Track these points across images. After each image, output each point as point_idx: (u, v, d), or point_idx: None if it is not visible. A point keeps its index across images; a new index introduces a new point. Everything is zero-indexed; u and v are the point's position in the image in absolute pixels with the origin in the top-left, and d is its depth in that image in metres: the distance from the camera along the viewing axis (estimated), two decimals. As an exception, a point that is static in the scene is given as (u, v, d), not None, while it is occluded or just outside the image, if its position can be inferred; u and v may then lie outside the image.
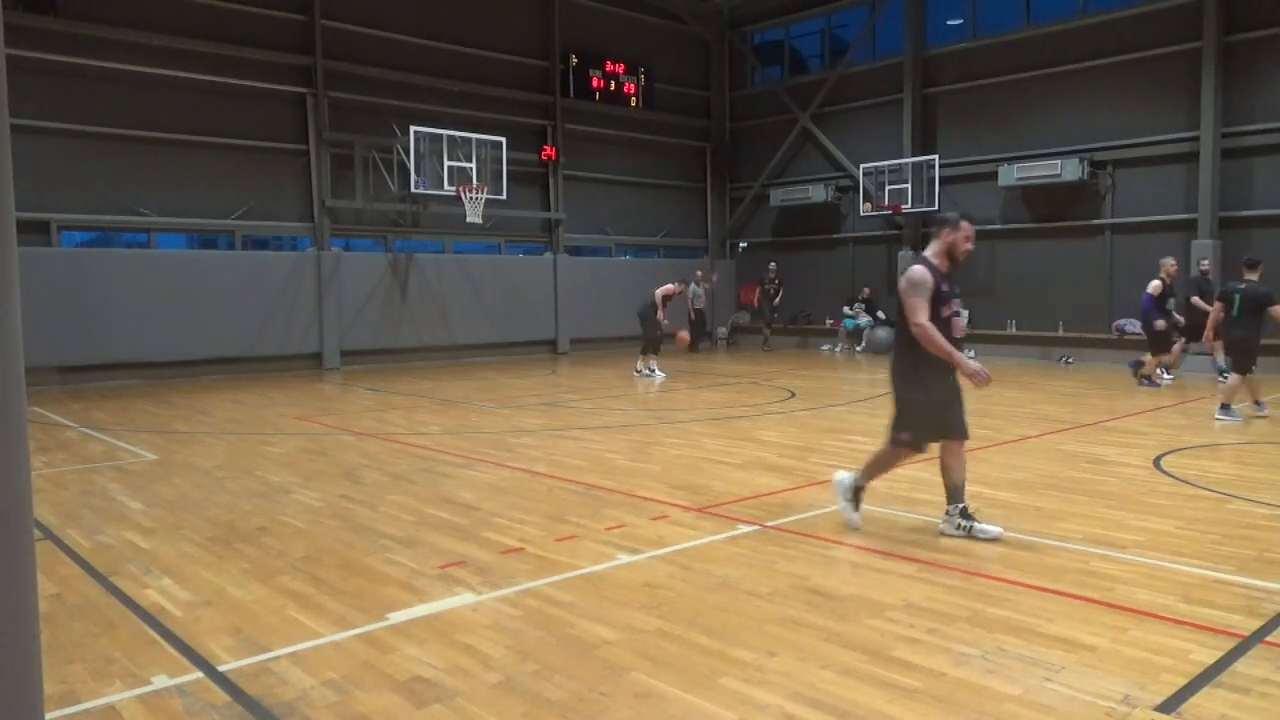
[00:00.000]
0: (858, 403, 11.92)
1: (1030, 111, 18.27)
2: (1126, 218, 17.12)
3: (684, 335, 16.93)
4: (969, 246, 5.55)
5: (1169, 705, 3.25)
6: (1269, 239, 15.52)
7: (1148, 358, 13.38)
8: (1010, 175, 17.98)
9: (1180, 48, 16.17)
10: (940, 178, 18.83)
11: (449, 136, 17.05)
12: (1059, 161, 17.30)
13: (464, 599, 4.43)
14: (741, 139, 23.94)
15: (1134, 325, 16.91)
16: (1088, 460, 7.90)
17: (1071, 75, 17.65)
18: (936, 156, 19.01)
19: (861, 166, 20.16)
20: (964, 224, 5.56)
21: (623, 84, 21.74)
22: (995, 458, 8.01)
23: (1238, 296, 10.22)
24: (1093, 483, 7.00)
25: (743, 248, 24.41)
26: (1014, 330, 18.39)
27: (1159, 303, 12.88)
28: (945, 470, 5.59)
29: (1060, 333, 17.77)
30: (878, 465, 5.77)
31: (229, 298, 16.01)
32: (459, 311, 18.95)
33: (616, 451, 8.41)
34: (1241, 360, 10.17)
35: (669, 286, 15.67)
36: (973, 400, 12.69)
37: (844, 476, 5.78)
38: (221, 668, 3.66)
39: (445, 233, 19.12)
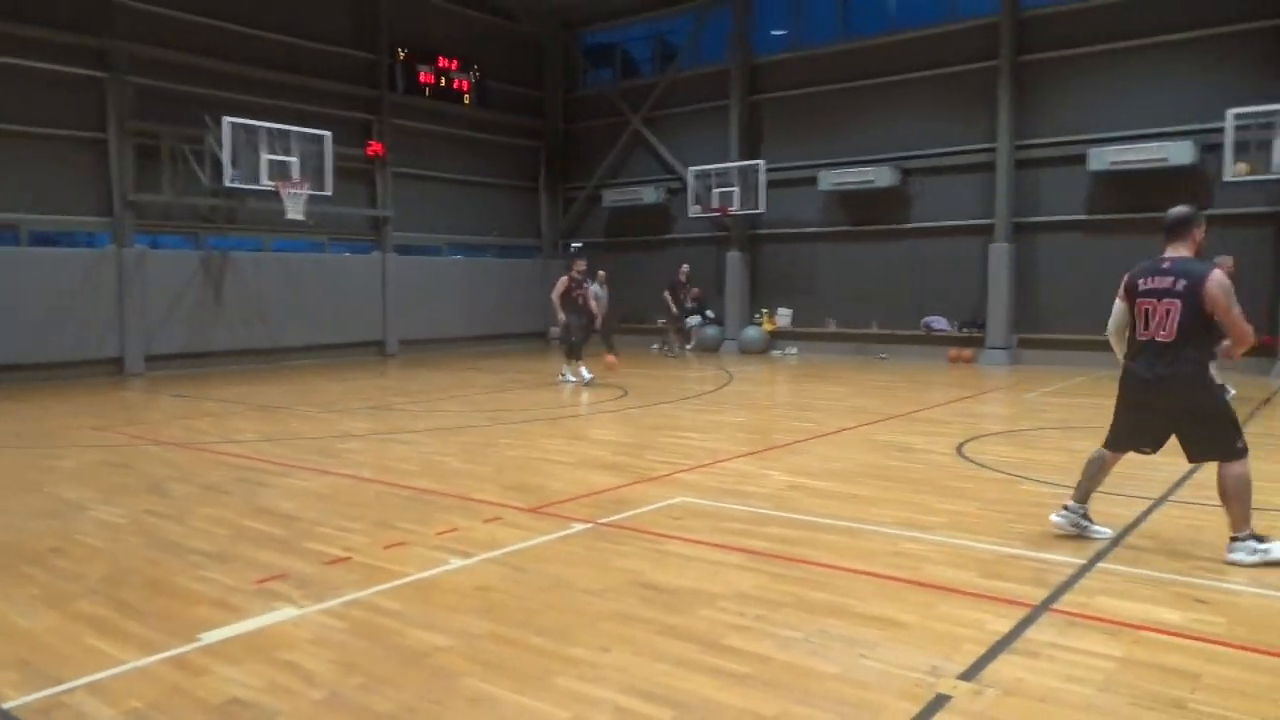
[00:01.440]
0: (688, 399, 12.21)
1: (848, 120, 19.27)
2: (933, 222, 18.34)
3: (611, 360, 15.55)
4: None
5: (970, 673, 3.50)
6: (1055, 243, 17.04)
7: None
8: (829, 180, 18.90)
9: (979, 65, 17.48)
10: (766, 181, 19.55)
11: (267, 129, 16.20)
12: (873, 168, 18.35)
13: (284, 614, 4.22)
14: (575, 140, 24.03)
15: (941, 323, 18.22)
16: (898, 449, 8.42)
17: (885, 87, 18.74)
18: (762, 161, 19.72)
19: (691, 169, 20.65)
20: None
21: (454, 80, 21.35)
22: (816, 449, 8.40)
23: None
24: (903, 470, 7.46)
25: (575, 248, 24.49)
26: (833, 328, 19.35)
27: None
28: (1104, 473, 5.40)
29: (875, 330, 18.83)
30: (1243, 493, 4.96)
31: (12, 298, 14.55)
32: (279, 312, 18.03)
33: (449, 454, 8.26)
34: None
35: (562, 281, 14.00)
36: (797, 396, 13.33)
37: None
38: (6, 705, 3.33)
39: (265, 230, 18.16)
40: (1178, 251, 5.06)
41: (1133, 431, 5.26)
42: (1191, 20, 15.51)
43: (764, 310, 20.53)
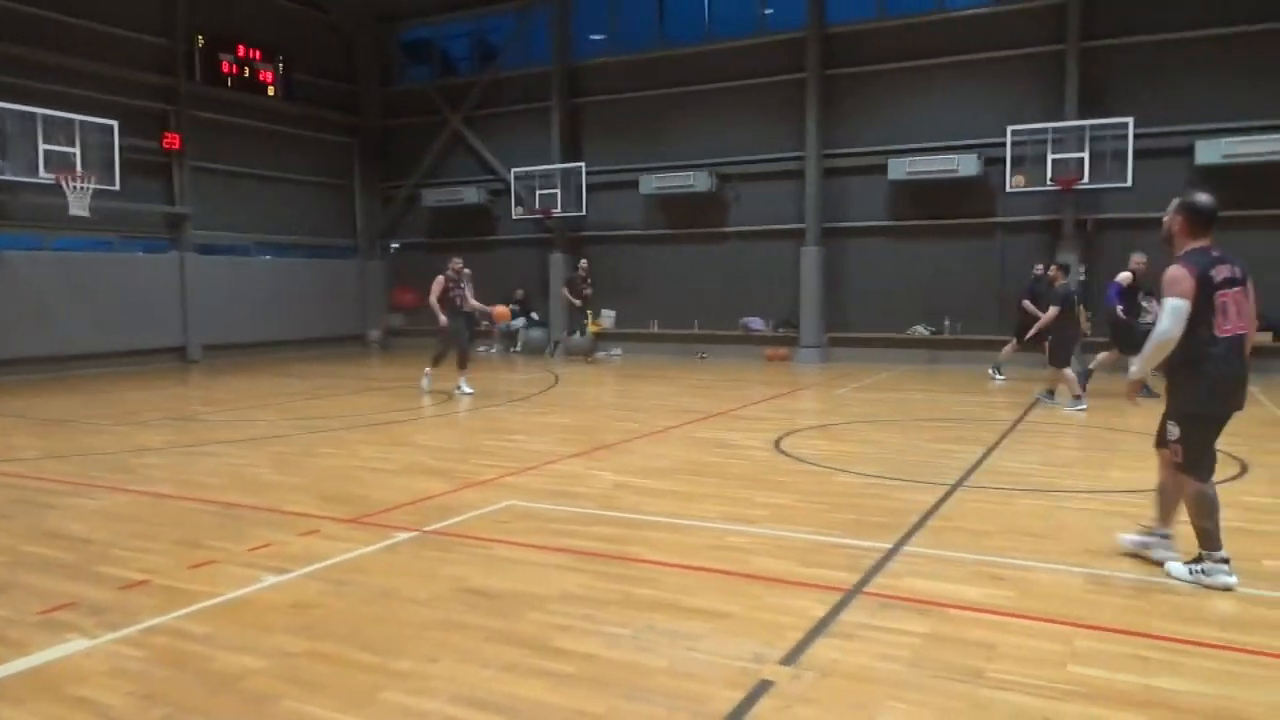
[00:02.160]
0: (515, 402, 12.10)
1: (668, 125, 19.69)
2: (749, 226, 19.03)
3: (502, 310, 14.22)
4: None
5: (790, 657, 3.65)
6: (861, 247, 18.07)
7: (1101, 355, 12.65)
8: (650, 184, 19.25)
9: (789, 77, 18.29)
10: (588, 184, 19.68)
11: (45, 116, 14.77)
12: (692, 173, 18.84)
13: (75, 645, 3.85)
14: (392, 137, 23.32)
15: (758, 323, 18.94)
16: (720, 446, 8.68)
17: (702, 94, 19.28)
18: (584, 164, 19.84)
19: (513, 170, 20.50)
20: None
21: (257, 71, 20.22)
22: (641, 448, 8.52)
23: (1075, 298, 11.65)
24: (725, 466, 7.70)
25: (395, 248, 23.79)
26: (656, 329, 19.72)
27: (1127, 296, 12.34)
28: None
29: (696, 330, 19.35)
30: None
31: None
32: (63, 316, 16.47)
33: (260, 465, 7.80)
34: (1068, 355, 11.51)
35: (438, 281, 12.70)
36: (623, 396, 13.46)
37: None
38: None
39: (44, 226, 16.56)
40: (1211, 241, 4.70)
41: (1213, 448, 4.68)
42: (980, 43, 16.86)
43: (589, 312, 20.66)
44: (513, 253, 21.55)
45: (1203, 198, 4.77)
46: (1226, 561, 4.51)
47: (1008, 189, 15.97)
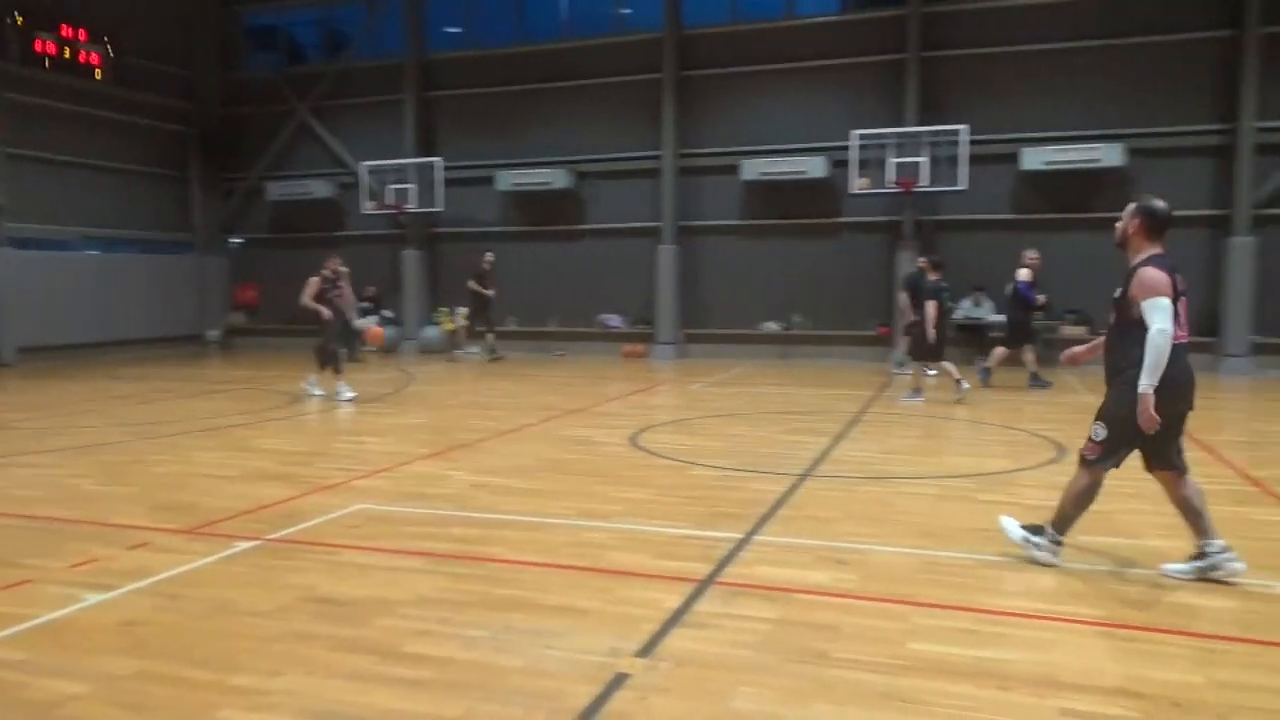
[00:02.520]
0: (365, 404, 11.73)
1: (526, 122, 19.53)
2: (606, 224, 19.13)
3: (375, 331, 13.94)
4: None
5: (646, 650, 3.69)
6: (716, 246, 18.46)
7: (996, 351, 13.12)
8: (507, 181, 19.06)
9: (646, 77, 18.46)
10: (444, 179, 19.30)
11: None
12: (549, 171, 18.78)
13: None
14: (234, 126, 22.13)
15: (616, 320, 19.07)
16: (578, 442, 8.69)
17: (561, 92, 19.23)
18: (439, 159, 19.43)
19: (364, 164, 19.86)
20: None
21: (80, 52, 18.80)
22: (499, 447, 8.43)
23: (945, 294, 11.71)
24: (582, 462, 7.71)
25: (237, 244, 22.63)
26: (514, 326, 19.54)
27: (1032, 291, 12.78)
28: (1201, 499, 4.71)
29: (554, 328, 19.30)
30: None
31: None
32: None
33: (84, 475, 7.26)
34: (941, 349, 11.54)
35: (313, 282, 11.95)
36: (479, 395, 13.28)
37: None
38: None
39: None
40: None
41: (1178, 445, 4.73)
42: (827, 50, 17.52)
43: (443, 310, 20.27)
44: (364, 249, 20.87)
45: (1160, 203, 4.74)
46: (1060, 544, 4.79)
47: (853, 190, 16.68)
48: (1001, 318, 16.28)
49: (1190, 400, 4.61)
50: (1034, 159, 15.91)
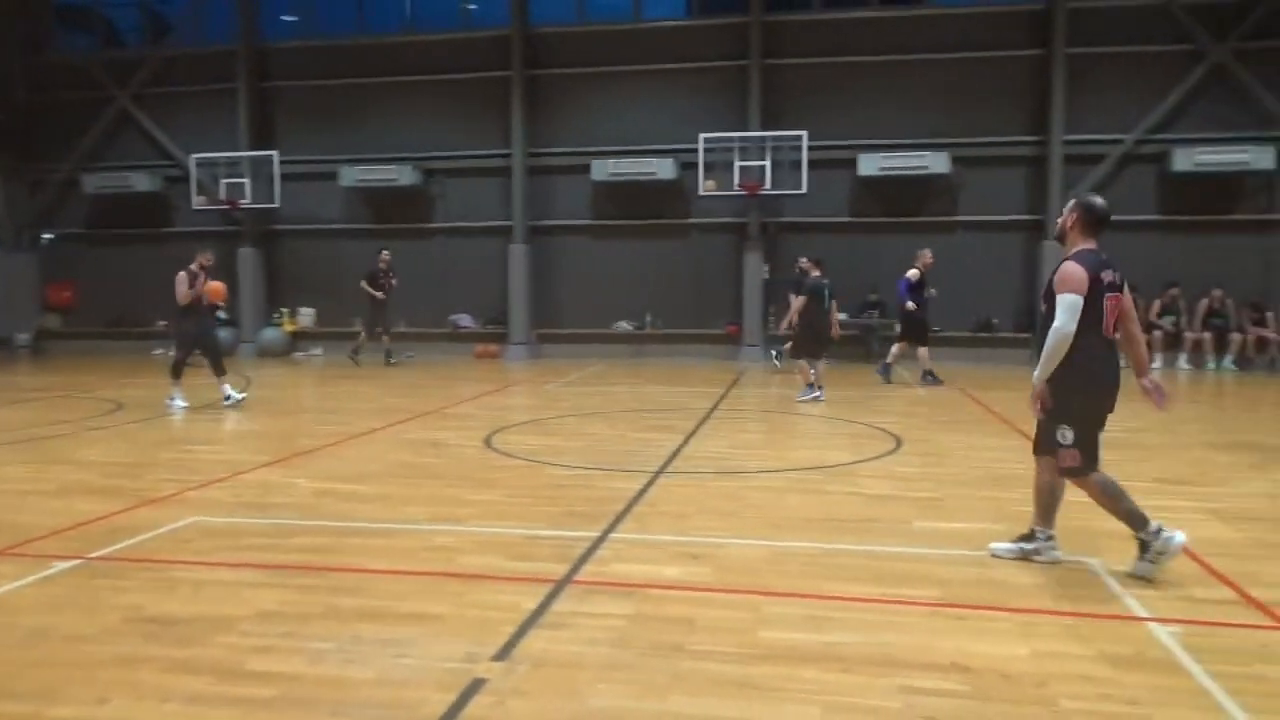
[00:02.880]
0: (199, 409, 11.07)
1: (371, 116, 18.94)
2: (457, 222, 18.80)
3: (216, 286, 11.40)
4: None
5: (502, 653, 3.64)
6: (568, 245, 18.48)
7: (894, 348, 13.54)
8: (352, 177, 18.44)
9: (495, 74, 18.26)
10: (281, 174, 18.45)
11: None
12: (396, 167, 18.28)
13: None
14: (42, 113, 20.38)
15: (467, 320, 18.78)
16: (430, 445, 8.50)
17: (406, 86, 18.75)
18: (276, 152, 18.57)
19: (193, 157, 18.75)
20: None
21: None
22: (346, 452, 8.15)
23: (827, 291, 11.59)
24: (435, 466, 7.55)
25: (48, 240, 20.89)
26: (359, 327, 18.89)
27: (916, 290, 13.11)
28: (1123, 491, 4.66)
29: (403, 329, 18.78)
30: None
31: None
32: None
33: None
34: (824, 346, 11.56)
35: (182, 277, 10.75)
36: (324, 398, 12.78)
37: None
38: None
39: None
40: (1098, 245, 4.69)
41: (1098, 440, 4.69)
42: (674, 54, 17.84)
43: (284, 310, 19.41)
44: (194, 246, 19.67)
45: (1098, 200, 4.76)
46: (1159, 532, 4.50)
47: (700, 192, 17.06)
48: (844, 315, 17.08)
49: (1112, 401, 4.61)
50: (869, 165, 16.73)
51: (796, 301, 11.66)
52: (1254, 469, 7.44)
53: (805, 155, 16.42)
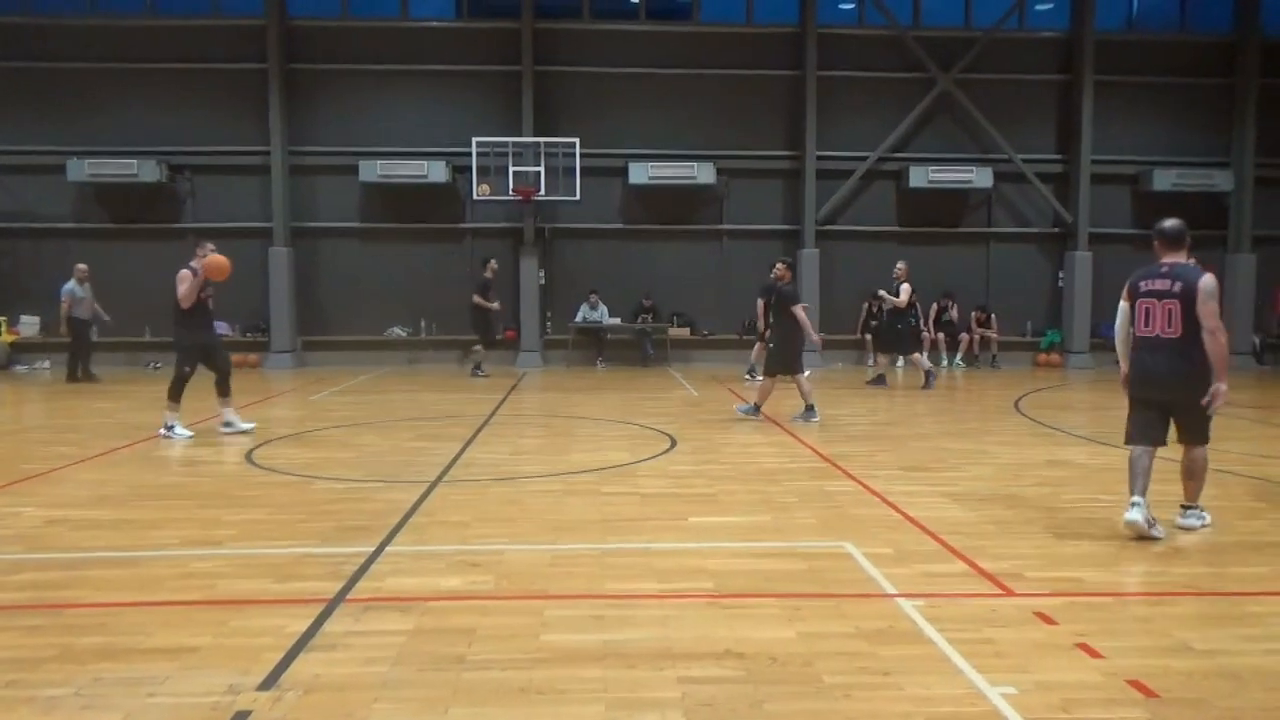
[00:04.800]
0: (-104, 433, 9.61)
1: (106, 105, 17.10)
2: (209, 223, 17.41)
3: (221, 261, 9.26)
4: None
5: (269, 681, 3.41)
6: (335, 249, 17.65)
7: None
8: (82, 170, 16.64)
9: (250, 66, 17.04)
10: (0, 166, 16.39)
11: None
12: (136, 161, 16.67)
13: None
14: None
15: (224, 327, 17.44)
16: (182, 463, 7.85)
17: (148, 74, 17.12)
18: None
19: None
20: None
21: None
22: (81, 475, 7.34)
23: (774, 296, 10.32)
24: (188, 485, 6.97)
25: None
26: (96, 337, 17.12)
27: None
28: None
29: (149, 338, 17.21)
30: None
31: None
32: None
33: None
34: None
35: (185, 275, 9.06)
36: (53, 415, 11.46)
37: None
38: None
39: None
40: (1176, 258, 5.46)
41: (1144, 424, 5.53)
42: (445, 55, 17.49)
43: (2, 319, 17.24)
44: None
45: (1167, 222, 5.60)
46: (1139, 505, 5.36)
47: (474, 196, 16.85)
48: (617, 320, 17.47)
49: (1151, 388, 5.50)
50: (639, 174, 17.20)
51: (800, 310, 9.96)
52: (980, 455, 8.32)
53: (578, 162, 16.64)
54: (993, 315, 17.71)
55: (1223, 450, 8.29)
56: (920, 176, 17.52)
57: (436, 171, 16.97)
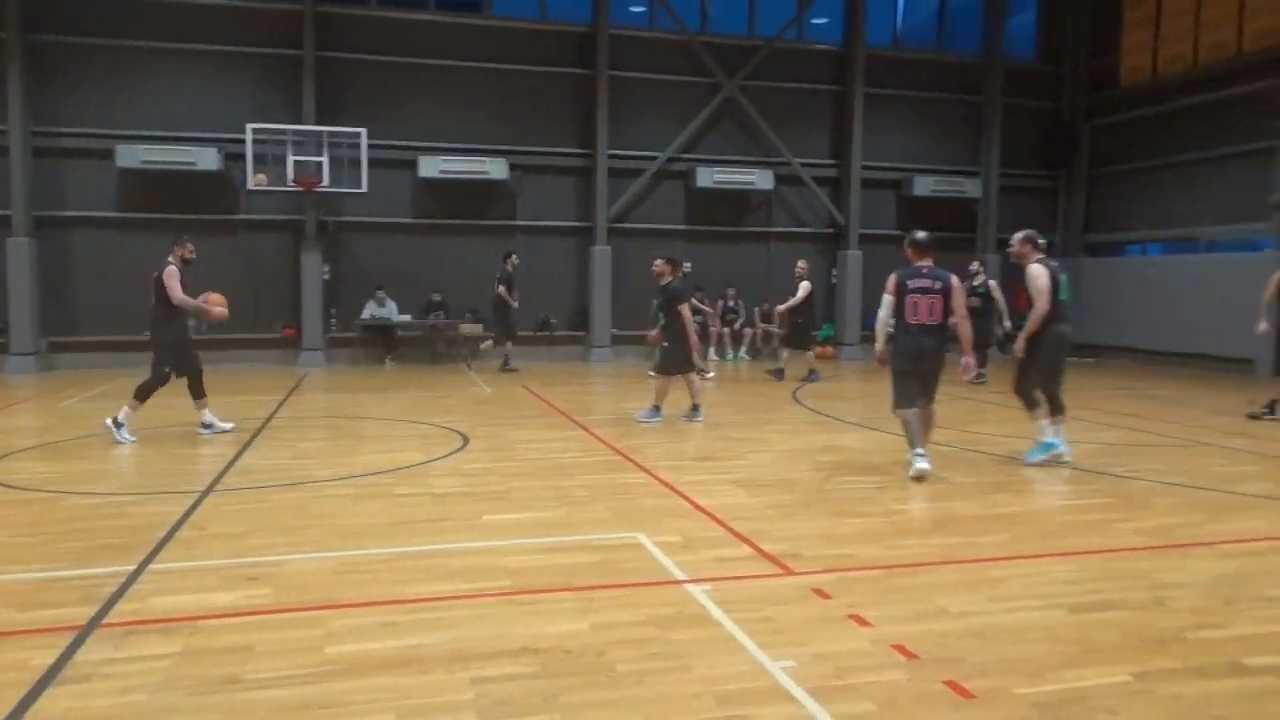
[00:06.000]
0: None
1: None
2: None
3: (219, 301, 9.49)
4: None
5: (9, 722, 3.06)
6: (87, 241, 16.03)
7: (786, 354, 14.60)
8: None
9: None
10: None
11: None
12: None
13: None
14: None
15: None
16: (-100, 483, 6.88)
17: None
18: None
19: None
20: None
21: None
22: None
23: (661, 296, 9.87)
24: (-92, 507, 6.12)
25: None
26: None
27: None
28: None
29: None
30: None
31: None
32: None
33: None
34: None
35: (172, 270, 8.95)
36: None
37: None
38: None
39: None
40: (928, 262, 7.04)
41: (915, 391, 7.03)
42: (217, 35, 16.24)
43: None
44: None
45: (922, 234, 7.17)
46: (923, 454, 6.99)
47: (250, 186, 15.83)
48: (407, 317, 17.00)
49: (917, 362, 7.03)
50: (430, 167, 16.79)
51: (685, 308, 9.71)
52: (763, 443, 8.75)
53: (365, 153, 16.01)
54: (775, 310, 18.69)
55: (974, 432, 9.15)
56: (707, 177, 18.18)
57: (207, 159, 15.79)
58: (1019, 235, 7.74)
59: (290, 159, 15.71)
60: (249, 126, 15.58)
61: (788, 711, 3.19)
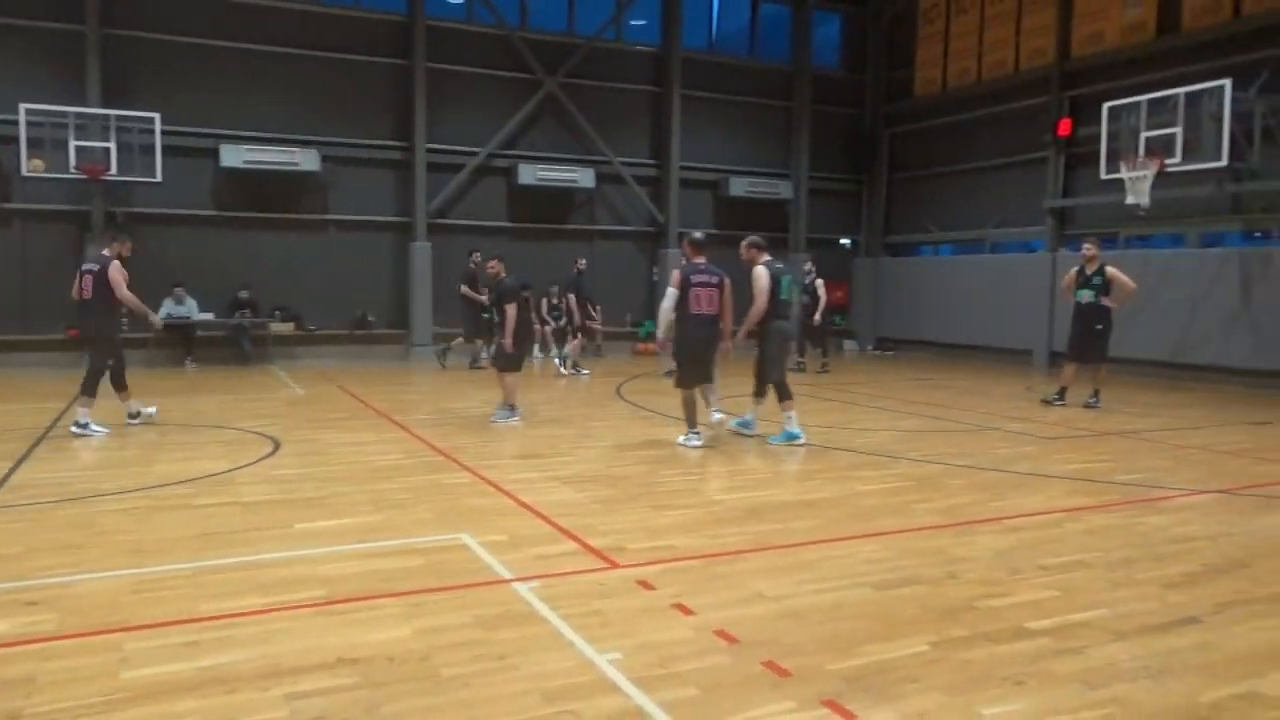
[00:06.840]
0: None
1: None
2: None
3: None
4: None
5: None
6: None
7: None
8: None
9: None
10: None
11: None
12: None
13: None
14: None
15: None
16: None
17: None
18: None
19: None
20: None
21: None
22: None
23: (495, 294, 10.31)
24: None
25: None
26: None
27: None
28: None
29: None
30: None
31: None
32: None
33: None
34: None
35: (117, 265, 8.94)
36: None
37: None
38: None
39: None
40: (704, 258, 8.19)
41: (698, 375, 8.18)
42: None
43: None
44: None
45: (699, 234, 8.44)
46: (699, 433, 8.21)
47: (24, 173, 14.40)
48: (209, 315, 15.96)
49: (704, 348, 8.24)
50: (233, 156, 15.84)
51: (511, 308, 9.58)
52: (587, 439, 8.82)
53: (159, 140, 14.89)
54: (597, 307, 18.82)
55: (806, 427, 9.54)
56: (529, 174, 18.09)
57: (-30, 141, 14.23)
58: (746, 240, 8.58)
59: (72, 144, 14.39)
60: (22, 107, 14.16)
61: (614, 703, 3.23)
